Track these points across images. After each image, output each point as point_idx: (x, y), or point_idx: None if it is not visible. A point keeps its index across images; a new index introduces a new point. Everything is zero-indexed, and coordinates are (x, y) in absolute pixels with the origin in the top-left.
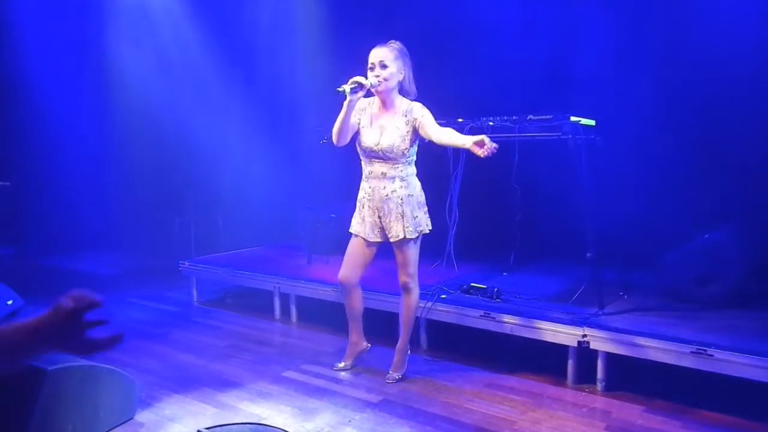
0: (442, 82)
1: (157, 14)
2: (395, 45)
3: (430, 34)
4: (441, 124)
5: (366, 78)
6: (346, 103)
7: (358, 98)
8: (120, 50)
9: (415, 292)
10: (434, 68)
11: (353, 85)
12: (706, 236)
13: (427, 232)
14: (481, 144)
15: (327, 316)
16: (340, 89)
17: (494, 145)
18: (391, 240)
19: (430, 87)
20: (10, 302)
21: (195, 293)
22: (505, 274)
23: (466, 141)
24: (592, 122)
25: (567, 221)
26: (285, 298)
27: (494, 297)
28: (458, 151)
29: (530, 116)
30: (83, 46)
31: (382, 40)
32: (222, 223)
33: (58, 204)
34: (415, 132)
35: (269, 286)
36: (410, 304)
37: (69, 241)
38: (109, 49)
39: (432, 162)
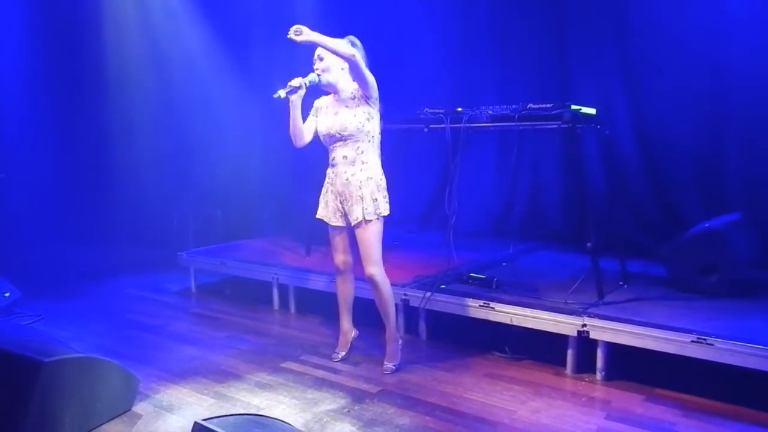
0: (442, 72)
1: (153, 5)
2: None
3: (430, 25)
4: (438, 115)
5: (303, 77)
6: (290, 105)
7: (299, 97)
8: (116, 43)
9: (384, 284)
10: (434, 59)
11: (289, 89)
12: (708, 225)
13: (386, 215)
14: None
15: (325, 307)
16: (276, 95)
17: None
18: (352, 223)
19: (430, 77)
20: (7, 294)
21: (193, 284)
22: (504, 263)
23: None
24: (593, 111)
25: (567, 211)
26: (283, 289)
27: (494, 287)
28: (457, 141)
29: (530, 105)
30: (77, 40)
31: (377, 31)
32: (221, 214)
33: (55, 195)
34: (365, 101)
35: (268, 277)
36: (382, 296)
37: (67, 232)
38: (103, 42)
39: (431, 152)
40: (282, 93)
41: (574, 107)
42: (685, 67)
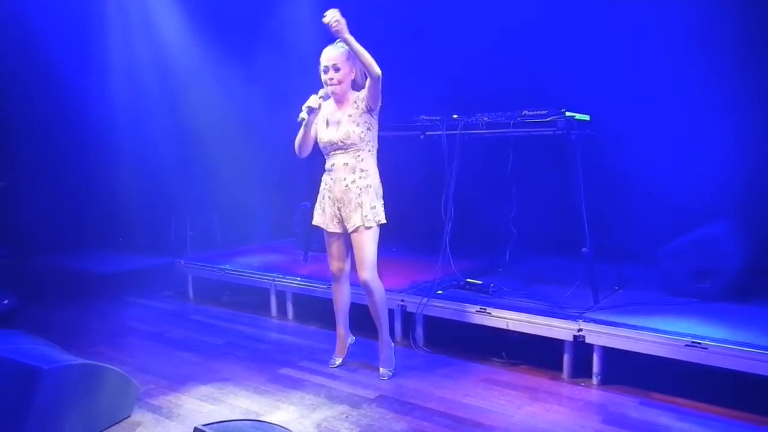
0: (436, 78)
1: (154, 11)
2: (344, 45)
3: (424, 30)
4: (435, 121)
5: (316, 93)
6: (304, 123)
7: (315, 116)
8: (118, 48)
9: (378, 289)
10: (428, 64)
11: (308, 109)
12: (702, 230)
13: (384, 223)
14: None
15: (323, 313)
16: (300, 119)
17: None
18: (350, 230)
19: (425, 83)
20: (5, 301)
21: (191, 291)
22: (500, 269)
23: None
24: (587, 117)
25: (562, 216)
26: (281, 296)
27: (490, 292)
28: (453, 147)
29: (525, 111)
30: (86, 46)
31: (376, 33)
32: (218, 221)
33: (53, 203)
34: (368, 112)
35: (265, 283)
36: (376, 301)
37: (65, 240)
38: (106, 46)
39: (427, 158)
40: (305, 115)
41: (568, 114)
42: (679, 73)
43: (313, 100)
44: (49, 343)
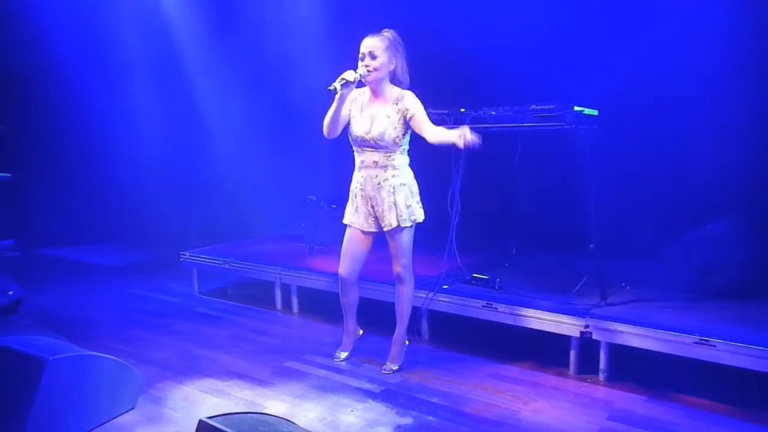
0: (444, 71)
1: (160, 5)
2: (387, 34)
3: (431, 24)
4: (442, 114)
5: (355, 70)
6: (337, 97)
7: (349, 91)
8: (117, 43)
9: (410, 283)
10: (436, 58)
11: (342, 81)
12: (709, 227)
13: (421, 221)
14: (461, 136)
15: (328, 306)
16: (331, 88)
17: (473, 138)
18: (385, 229)
19: (433, 77)
20: (10, 293)
21: (196, 284)
22: (507, 264)
23: (452, 136)
24: (595, 112)
25: (569, 212)
26: (286, 289)
27: (496, 287)
28: None
29: (533, 106)
30: (92, 43)
31: (382, 28)
32: (223, 214)
33: (60, 196)
34: (406, 121)
35: (271, 276)
36: (405, 295)
37: (70, 232)
38: (112, 43)
39: (434, 153)
40: (337, 86)
41: (577, 108)
42: (686, 68)
43: (349, 74)
44: (54, 335)
